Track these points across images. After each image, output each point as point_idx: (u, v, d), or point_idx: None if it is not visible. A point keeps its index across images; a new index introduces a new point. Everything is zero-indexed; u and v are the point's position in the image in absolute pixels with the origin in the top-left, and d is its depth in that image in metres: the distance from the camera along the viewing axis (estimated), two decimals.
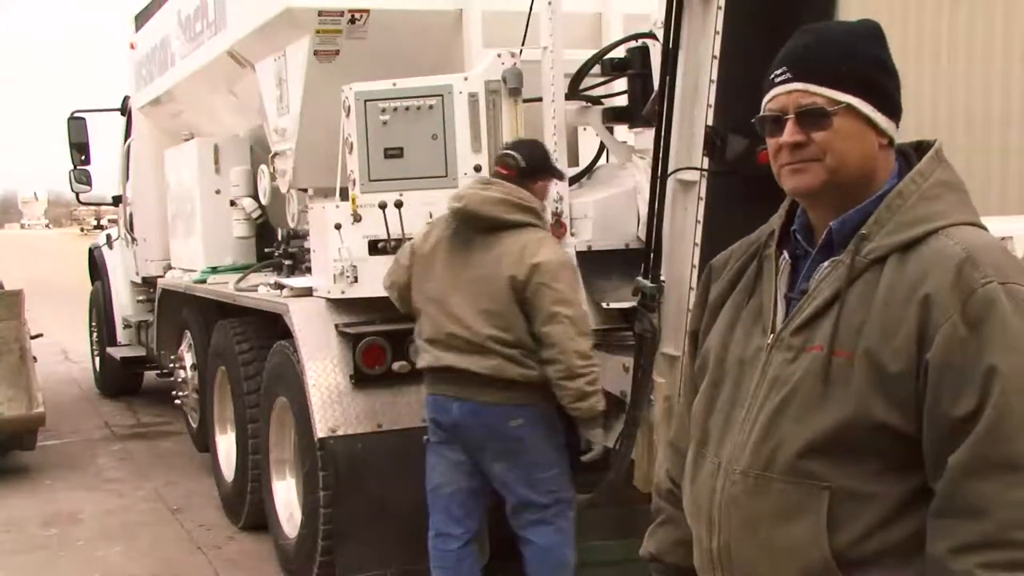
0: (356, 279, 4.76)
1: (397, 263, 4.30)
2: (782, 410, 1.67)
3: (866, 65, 1.70)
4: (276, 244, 6.64)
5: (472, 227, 4.03)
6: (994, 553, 1.50)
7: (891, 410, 1.58)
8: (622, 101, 4.71)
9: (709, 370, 1.84)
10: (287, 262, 6.19)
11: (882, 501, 1.60)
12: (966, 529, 1.52)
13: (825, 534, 1.61)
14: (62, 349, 13.21)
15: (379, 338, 4.70)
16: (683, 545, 1.95)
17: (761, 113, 1.75)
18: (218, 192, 7.01)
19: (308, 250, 5.56)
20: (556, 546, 4.03)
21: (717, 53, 3.49)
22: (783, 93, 1.71)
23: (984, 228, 1.69)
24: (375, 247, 4.75)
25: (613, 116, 4.73)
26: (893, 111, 1.72)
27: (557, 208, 4.57)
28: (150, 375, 10.12)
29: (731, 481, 1.71)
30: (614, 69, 4.61)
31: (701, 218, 3.62)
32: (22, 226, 55.33)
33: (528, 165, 4.09)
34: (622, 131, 4.84)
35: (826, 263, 1.71)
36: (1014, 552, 1.50)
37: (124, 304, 9.90)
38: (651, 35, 4.28)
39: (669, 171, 3.80)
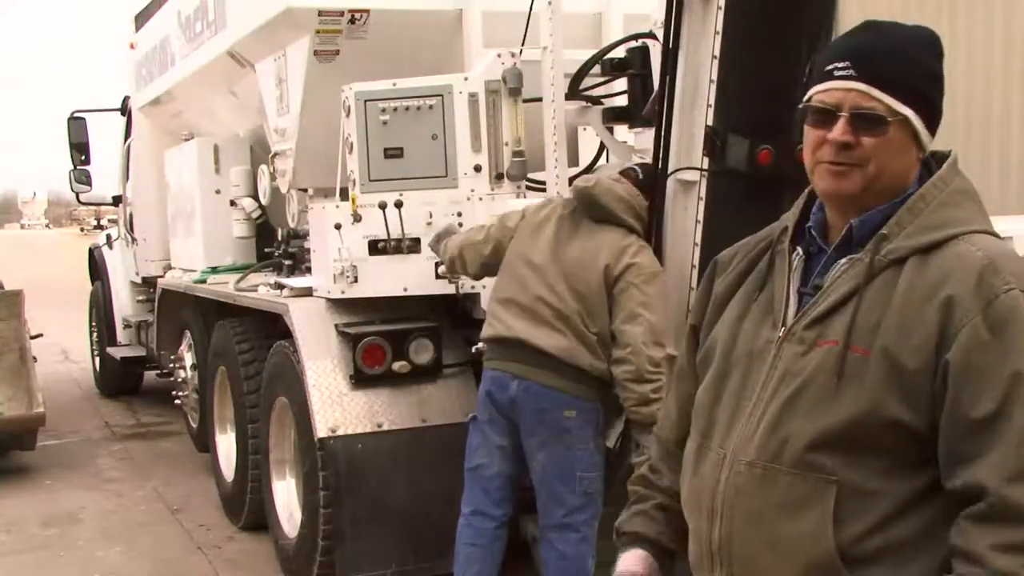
0: (356, 279, 4.76)
1: (502, 224, 4.22)
2: (793, 403, 1.68)
3: (927, 80, 1.72)
4: (276, 244, 6.64)
5: (587, 212, 4.01)
6: None
7: (905, 408, 1.60)
8: (622, 101, 4.71)
9: (715, 362, 1.84)
10: (287, 262, 6.19)
11: (887, 499, 1.61)
12: (1011, 531, 1.53)
13: (831, 528, 1.61)
14: (62, 349, 13.20)
15: (379, 338, 4.70)
16: (642, 516, 2.00)
17: (809, 101, 1.73)
18: (218, 192, 7.00)
19: (308, 250, 5.56)
20: (580, 555, 3.98)
21: (717, 53, 3.49)
22: (842, 89, 1.69)
23: (999, 237, 1.71)
24: (375, 247, 4.74)
25: (613, 116, 4.74)
26: (935, 128, 1.74)
27: None
28: (150, 375, 10.10)
29: (736, 472, 1.72)
30: (614, 69, 4.61)
31: (701, 218, 3.62)
32: (22, 226, 55.41)
33: (644, 179, 4.10)
34: (622, 131, 4.84)
35: (843, 260, 1.72)
36: None
37: (124, 304, 9.89)
38: (651, 35, 4.28)
39: (669, 171, 3.81)
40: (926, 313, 1.60)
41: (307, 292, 5.17)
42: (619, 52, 4.63)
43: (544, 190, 4.72)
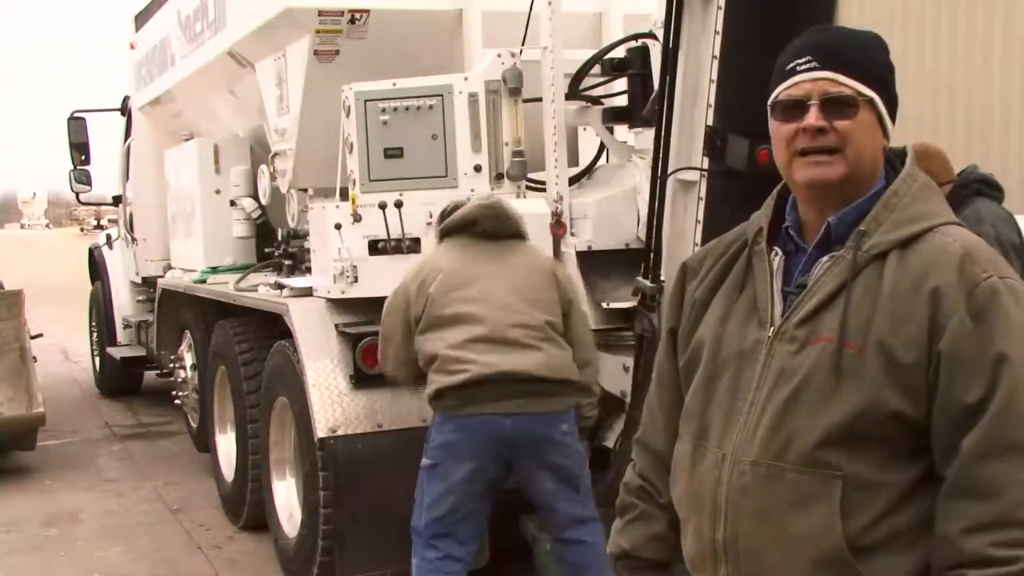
0: (356, 279, 4.76)
1: (405, 294, 4.04)
2: (793, 402, 1.70)
3: (884, 68, 1.78)
4: (276, 244, 6.64)
5: (496, 233, 4.01)
6: (1004, 532, 1.56)
7: (904, 399, 1.64)
8: (622, 101, 4.71)
9: (702, 365, 1.86)
10: (287, 262, 6.18)
11: (890, 489, 1.65)
12: (978, 510, 1.57)
13: (839, 522, 1.64)
14: (62, 349, 13.20)
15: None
16: (660, 540, 1.99)
17: (776, 98, 1.78)
18: (218, 192, 7.00)
19: (308, 250, 5.56)
20: (601, 539, 3.89)
21: (717, 53, 3.49)
22: (808, 80, 1.74)
23: (963, 226, 1.77)
24: (375, 247, 4.74)
25: (613, 116, 4.74)
26: (894, 117, 1.79)
27: (557, 208, 4.58)
28: (150, 375, 10.11)
29: (740, 472, 1.73)
30: (614, 69, 4.62)
31: (701, 218, 3.62)
32: (22, 226, 55.30)
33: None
34: (622, 131, 4.84)
35: (825, 258, 1.75)
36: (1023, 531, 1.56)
37: (124, 304, 9.90)
38: (651, 35, 4.28)
39: (669, 171, 3.81)
40: (915, 306, 1.64)
41: (307, 292, 5.17)
42: (619, 52, 4.63)
43: (544, 190, 4.72)
